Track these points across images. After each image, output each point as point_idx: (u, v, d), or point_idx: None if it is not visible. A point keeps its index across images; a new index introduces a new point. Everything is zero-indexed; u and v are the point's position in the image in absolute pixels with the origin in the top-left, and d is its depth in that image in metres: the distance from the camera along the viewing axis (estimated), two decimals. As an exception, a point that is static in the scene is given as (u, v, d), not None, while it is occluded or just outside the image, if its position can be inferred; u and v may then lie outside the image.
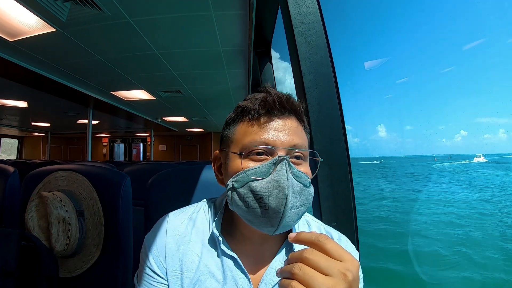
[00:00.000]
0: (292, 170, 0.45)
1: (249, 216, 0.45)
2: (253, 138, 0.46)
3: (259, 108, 0.47)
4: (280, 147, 0.46)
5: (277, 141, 0.46)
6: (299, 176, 0.45)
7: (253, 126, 0.48)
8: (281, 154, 0.45)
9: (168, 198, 0.85)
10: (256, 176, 0.44)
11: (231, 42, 2.56)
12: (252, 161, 0.46)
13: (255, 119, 0.48)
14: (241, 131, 0.49)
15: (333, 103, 0.79)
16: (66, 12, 1.98)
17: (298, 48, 0.79)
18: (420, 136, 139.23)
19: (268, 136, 0.46)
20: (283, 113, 0.48)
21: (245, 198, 0.45)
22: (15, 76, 3.37)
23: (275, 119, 0.48)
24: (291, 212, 0.44)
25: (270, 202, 0.43)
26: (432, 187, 13.49)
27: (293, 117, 0.50)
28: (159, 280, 0.49)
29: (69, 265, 0.85)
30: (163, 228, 0.52)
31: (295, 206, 0.44)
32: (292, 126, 0.48)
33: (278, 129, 0.47)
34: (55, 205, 0.79)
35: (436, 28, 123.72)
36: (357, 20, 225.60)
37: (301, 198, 0.45)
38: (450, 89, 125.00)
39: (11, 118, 6.79)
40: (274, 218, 0.43)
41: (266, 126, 0.47)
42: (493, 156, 22.89)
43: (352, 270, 0.34)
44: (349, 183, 0.77)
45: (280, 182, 0.43)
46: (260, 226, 0.45)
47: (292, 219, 0.44)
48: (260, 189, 0.43)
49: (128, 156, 11.12)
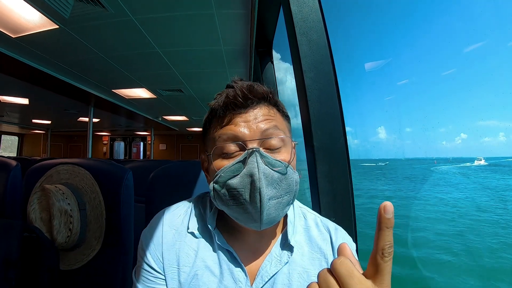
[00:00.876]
0: (265, 160, 0.44)
1: (234, 214, 0.46)
2: (223, 137, 0.47)
3: (223, 105, 0.48)
4: (250, 139, 0.45)
5: (246, 134, 0.46)
6: (275, 165, 0.45)
7: (221, 125, 0.48)
8: (253, 145, 0.45)
9: (169, 193, 0.86)
10: (231, 174, 0.44)
11: (233, 41, 2.57)
12: (226, 159, 0.46)
13: (221, 117, 0.48)
14: (213, 132, 0.49)
15: (333, 100, 0.80)
16: (70, 9, 1.99)
17: (299, 46, 0.80)
18: (420, 138, 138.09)
19: (237, 129, 0.46)
20: (249, 104, 0.48)
21: (226, 198, 0.45)
22: (17, 72, 3.38)
23: (241, 112, 0.47)
24: (271, 203, 0.43)
25: (246, 197, 0.43)
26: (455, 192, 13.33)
27: (262, 105, 0.49)
28: (156, 275, 0.49)
29: (70, 257, 0.86)
30: (159, 223, 0.52)
31: (274, 197, 0.44)
32: (262, 114, 0.48)
33: (247, 120, 0.47)
34: (57, 197, 0.80)
35: (438, 30, 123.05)
36: (358, 20, 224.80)
37: (280, 187, 0.44)
38: (451, 92, 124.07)
39: (12, 115, 6.80)
40: (255, 213, 0.43)
41: (233, 122, 0.47)
42: (493, 160, 23.17)
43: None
44: (348, 179, 0.78)
45: (253, 175, 0.42)
46: (246, 223, 0.46)
47: (276, 210, 0.44)
48: (235, 185, 0.44)
49: (128, 154, 11.13)
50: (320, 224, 0.56)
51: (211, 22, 2.20)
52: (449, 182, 15.40)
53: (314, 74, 0.80)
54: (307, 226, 0.55)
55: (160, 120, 7.20)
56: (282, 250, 0.51)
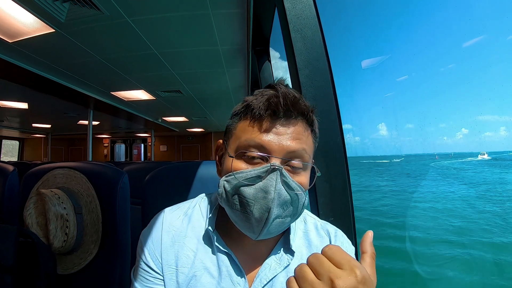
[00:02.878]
0: (284, 180, 0.43)
1: (234, 217, 0.46)
2: (251, 139, 0.45)
3: (262, 108, 0.45)
4: (276, 153, 0.44)
5: (274, 146, 0.44)
6: (292, 188, 0.44)
7: (253, 126, 0.46)
8: (275, 162, 0.43)
9: (165, 194, 0.85)
10: (245, 181, 0.43)
11: (230, 41, 2.56)
12: (245, 162, 0.45)
13: (257, 119, 0.45)
14: (241, 128, 0.48)
15: (329, 98, 0.79)
16: (65, 13, 1.99)
17: (294, 43, 0.79)
18: (421, 134, 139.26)
19: (266, 139, 0.44)
20: (289, 116, 0.45)
21: (233, 200, 0.45)
22: (15, 77, 3.38)
23: (277, 122, 0.45)
24: (276, 222, 0.43)
25: (254, 210, 0.42)
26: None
27: (299, 121, 0.47)
28: (154, 275, 0.49)
29: (67, 262, 0.85)
30: (158, 224, 0.52)
31: (280, 216, 0.43)
32: (296, 132, 0.46)
33: (279, 133, 0.45)
34: (53, 202, 0.79)
35: (436, 25, 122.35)
36: (353, 16, 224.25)
37: (288, 209, 0.44)
38: (451, 87, 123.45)
39: (11, 120, 6.81)
40: (256, 226, 0.43)
41: (266, 129, 0.45)
42: (495, 154, 22.73)
43: (344, 280, 0.30)
44: (346, 178, 0.77)
45: (268, 193, 0.42)
46: (243, 229, 0.46)
47: (276, 228, 0.44)
48: (247, 195, 0.43)
49: (129, 156, 11.14)
50: (320, 228, 0.56)
51: (207, 22, 2.20)
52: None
53: (309, 71, 0.79)
54: (307, 230, 0.55)
55: (160, 121, 7.20)
56: (282, 254, 0.50)
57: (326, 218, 0.72)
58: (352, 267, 0.31)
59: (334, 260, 0.32)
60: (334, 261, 0.32)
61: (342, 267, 0.31)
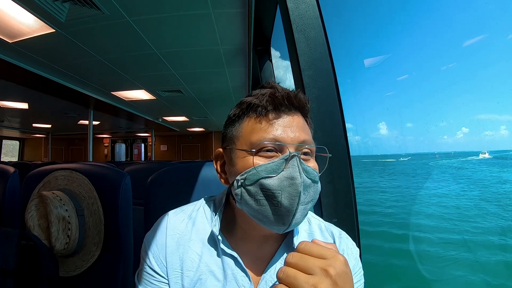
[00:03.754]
0: (303, 167, 0.44)
1: (259, 214, 0.44)
2: (262, 135, 0.45)
3: (266, 104, 0.46)
4: (289, 143, 0.45)
5: (286, 138, 0.45)
6: (310, 172, 0.45)
7: (261, 123, 0.46)
8: (291, 150, 0.44)
9: (168, 196, 0.85)
10: (267, 173, 0.43)
11: (231, 41, 2.55)
12: (261, 157, 0.45)
13: (263, 115, 0.46)
14: (247, 128, 0.47)
15: (332, 99, 0.78)
16: (65, 13, 1.98)
17: (297, 44, 0.78)
18: (422, 133, 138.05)
19: (277, 132, 0.45)
20: (291, 109, 0.48)
21: (256, 196, 0.44)
22: (15, 77, 3.38)
23: (283, 115, 0.47)
24: (301, 208, 0.43)
25: (283, 199, 0.42)
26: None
27: (299, 113, 0.49)
28: (159, 279, 0.49)
29: (69, 264, 0.85)
30: (162, 227, 0.51)
31: (304, 202, 0.43)
32: (300, 122, 0.48)
33: (287, 125, 0.46)
34: (55, 204, 0.79)
35: (437, 24, 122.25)
36: (356, 16, 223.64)
37: (309, 194, 0.45)
38: (451, 86, 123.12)
39: (12, 120, 6.81)
40: (287, 216, 0.42)
41: (275, 123, 0.46)
42: (496, 153, 22.73)
43: (334, 265, 0.34)
44: (350, 179, 0.77)
45: (294, 179, 0.42)
46: (270, 225, 0.44)
47: (302, 215, 0.44)
48: (272, 186, 0.42)
49: (130, 156, 11.15)
50: (324, 229, 0.55)
51: (208, 22, 2.19)
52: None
53: (313, 72, 0.78)
54: (311, 231, 0.55)
55: (160, 121, 7.20)
56: (286, 255, 0.50)
57: (330, 220, 0.72)
58: (334, 253, 0.36)
59: (315, 253, 0.36)
60: (315, 254, 0.36)
61: (326, 256, 0.36)
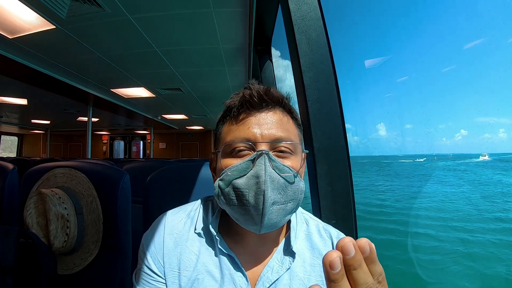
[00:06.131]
0: (274, 164, 0.44)
1: (235, 214, 0.45)
2: (234, 135, 0.47)
3: (238, 105, 0.48)
4: (261, 141, 0.45)
5: (257, 136, 0.45)
6: (282, 170, 0.44)
7: (233, 124, 0.48)
8: (262, 148, 0.45)
9: (167, 195, 0.85)
10: (239, 173, 0.44)
11: (231, 40, 2.55)
12: (235, 158, 0.46)
13: (235, 116, 0.48)
14: (225, 130, 0.49)
15: (333, 100, 0.78)
16: (66, 9, 1.97)
17: (298, 45, 0.78)
18: (420, 135, 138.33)
19: (250, 131, 0.46)
20: (264, 106, 0.48)
21: (229, 196, 0.45)
22: (15, 73, 3.36)
23: (255, 113, 0.47)
24: (274, 208, 0.43)
25: (250, 198, 0.42)
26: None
27: (277, 109, 0.49)
28: (157, 278, 0.49)
29: (68, 262, 0.85)
30: (161, 227, 0.52)
31: (278, 202, 0.43)
32: (275, 119, 0.48)
33: (259, 123, 0.47)
34: (54, 202, 0.79)
35: (437, 27, 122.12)
36: (358, 18, 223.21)
37: (286, 193, 0.44)
38: (451, 88, 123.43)
39: (11, 116, 6.79)
40: (256, 215, 0.42)
41: (246, 122, 0.47)
42: (495, 156, 22.81)
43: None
44: (349, 181, 0.77)
45: (259, 177, 0.42)
46: (246, 225, 0.45)
47: (277, 216, 0.44)
48: (241, 185, 0.43)
49: (128, 153, 11.13)
50: (322, 230, 0.55)
51: (209, 21, 2.18)
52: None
53: (314, 73, 0.78)
54: (309, 232, 0.54)
55: (159, 119, 7.18)
56: (284, 256, 0.50)
57: (328, 221, 0.72)
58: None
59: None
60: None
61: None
